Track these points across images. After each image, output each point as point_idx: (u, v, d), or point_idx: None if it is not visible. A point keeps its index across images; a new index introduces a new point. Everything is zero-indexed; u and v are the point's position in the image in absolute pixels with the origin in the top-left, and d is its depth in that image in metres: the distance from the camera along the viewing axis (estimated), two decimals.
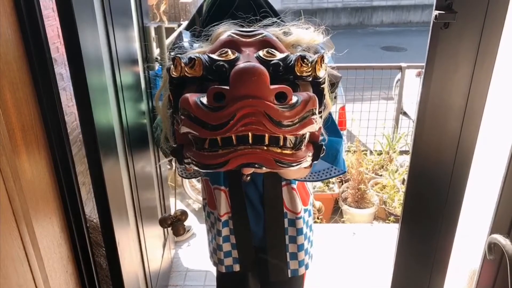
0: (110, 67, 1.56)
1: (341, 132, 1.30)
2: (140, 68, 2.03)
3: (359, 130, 4.42)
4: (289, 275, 1.57)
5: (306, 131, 0.86)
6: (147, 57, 2.15)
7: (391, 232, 3.27)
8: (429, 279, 2.07)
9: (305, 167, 0.96)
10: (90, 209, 1.55)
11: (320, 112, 0.93)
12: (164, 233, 2.71)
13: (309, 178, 1.35)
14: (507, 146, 1.41)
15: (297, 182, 1.45)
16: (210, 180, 1.48)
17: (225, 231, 1.52)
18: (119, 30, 1.65)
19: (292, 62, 0.90)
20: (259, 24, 1.12)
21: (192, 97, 0.82)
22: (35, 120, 1.06)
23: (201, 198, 3.16)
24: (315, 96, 0.85)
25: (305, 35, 1.12)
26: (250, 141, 0.81)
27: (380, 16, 13.26)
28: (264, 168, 0.86)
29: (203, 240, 3.12)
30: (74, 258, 1.28)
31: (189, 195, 3.97)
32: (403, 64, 4.28)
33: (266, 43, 0.99)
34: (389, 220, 3.62)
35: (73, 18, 1.12)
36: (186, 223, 1.97)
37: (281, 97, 0.81)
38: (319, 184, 3.84)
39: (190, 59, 0.89)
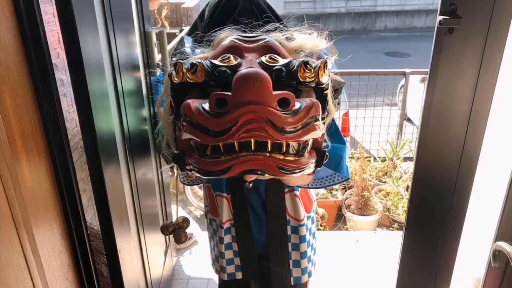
0: (111, 73, 1.56)
1: (345, 138, 1.29)
2: (141, 73, 2.03)
3: (363, 136, 4.40)
4: (292, 283, 1.56)
5: (309, 137, 0.85)
6: (148, 63, 2.15)
7: (395, 239, 3.25)
8: (433, 287, 2.05)
9: (308, 174, 0.95)
10: (91, 216, 1.54)
11: (323, 118, 0.92)
12: (166, 240, 2.70)
13: (312, 185, 1.34)
14: None
15: (300, 189, 1.44)
16: (212, 187, 1.48)
17: (227, 238, 1.51)
18: (120, 35, 1.64)
19: (295, 67, 0.89)
20: (262, 30, 1.12)
21: (194, 103, 0.81)
22: (36, 126, 1.05)
23: (203, 205, 3.16)
24: (318, 102, 0.84)
25: (308, 41, 1.11)
26: (253, 147, 0.80)
27: (383, 21, 13.27)
28: (266, 175, 0.85)
29: (205, 248, 3.11)
30: (74, 265, 1.27)
31: (191, 202, 3.96)
32: (407, 70, 4.26)
33: (268, 49, 0.98)
34: (393, 227, 3.60)
35: (74, 24, 1.11)
36: (188, 230, 1.96)
37: (284, 103, 0.80)
38: (322, 191, 3.83)
39: (192, 64, 0.89)
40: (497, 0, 1.48)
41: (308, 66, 0.89)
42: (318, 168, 0.96)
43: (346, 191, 3.94)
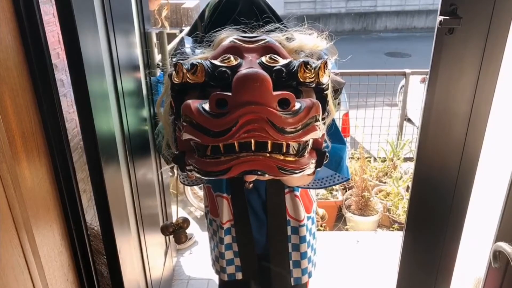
0: (111, 73, 1.56)
1: (345, 139, 1.29)
2: (141, 74, 2.03)
3: (363, 136, 4.40)
4: (292, 284, 1.56)
5: (309, 137, 0.85)
6: (148, 63, 2.15)
7: (395, 240, 3.25)
8: None
9: (308, 174, 0.95)
10: (91, 217, 1.54)
11: (323, 119, 0.92)
12: (166, 241, 2.70)
13: (312, 185, 1.34)
14: None
15: (300, 189, 1.43)
16: (212, 187, 1.47)
17: (227, 239, 1.51)
18: (120, 35, 1.64)
19: (295, 68, 0.89)
20: (262, 30, 1.11)
21: (194, 103, 0.81)
22: (36, 127, 1.05)
23: (203, 206, 3.15)
24: (318, 103, 0.84)
25: (308, 41, 1.11)
26: (253, 148, 0.80)
27: (384, 22, 13.26)
28: (267, 175, 0.85)
29: (205, 248, 3.11)
30: (75, 266, 1.27)
31: (191, 203, 3.95)
32: (407, 70, 4.25)
33: (268, 49, 0.98)
34: (393, 227, 3.60)
35: (74, 24, 1.11)
36: (188, 231, 1.95)
37: (284, 104, 0.80)
38: (322, 191, 3.82)
39: (192, 65, 0.88)
40: (497, 0, 1.48)
41: (308, 66, 0.89)
42: (318, 169, 0.96)
43: (346, 191, 3.94)
